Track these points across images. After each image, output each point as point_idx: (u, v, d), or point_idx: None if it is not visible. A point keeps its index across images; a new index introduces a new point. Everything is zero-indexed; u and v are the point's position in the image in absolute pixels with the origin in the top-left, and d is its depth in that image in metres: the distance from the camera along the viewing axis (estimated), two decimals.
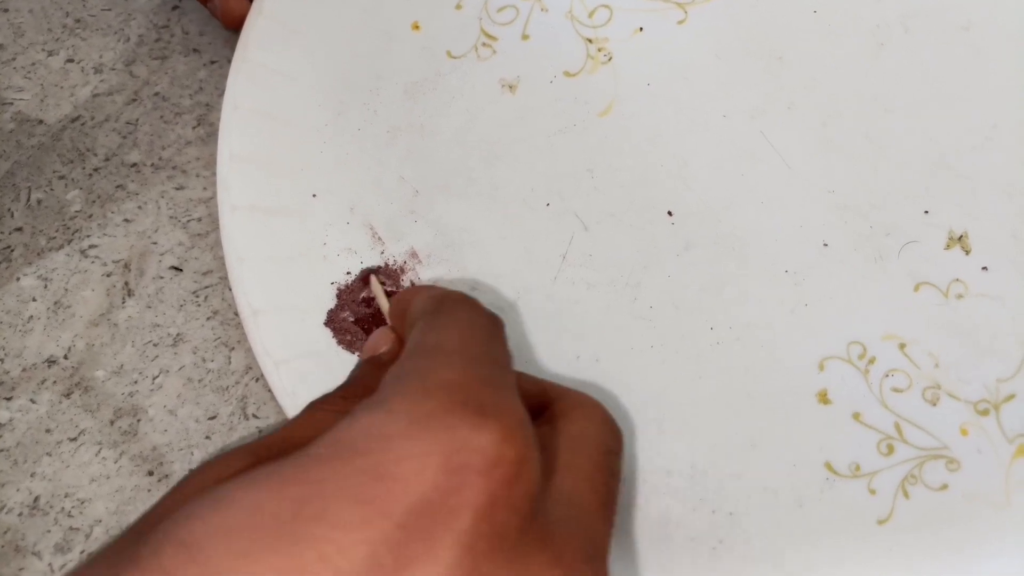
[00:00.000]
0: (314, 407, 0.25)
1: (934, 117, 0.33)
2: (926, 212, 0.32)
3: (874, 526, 0.28)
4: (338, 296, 0.33)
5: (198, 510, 0.19)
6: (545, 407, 0.26)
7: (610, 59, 0.35)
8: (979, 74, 0.33)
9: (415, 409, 0.20)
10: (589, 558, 0.21)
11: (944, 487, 0.28)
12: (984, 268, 0.31)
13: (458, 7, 0.37)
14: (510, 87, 0.36)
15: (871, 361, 0.30)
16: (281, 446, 0.23)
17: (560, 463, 0.23)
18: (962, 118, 0.33)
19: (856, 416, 0.29)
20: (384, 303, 0.32)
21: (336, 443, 0.20)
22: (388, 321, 0.31)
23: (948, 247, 0.31)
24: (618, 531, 0.28)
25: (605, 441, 0.25)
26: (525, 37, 0.36)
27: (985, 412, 0.29)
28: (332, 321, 0.32)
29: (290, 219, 0.34)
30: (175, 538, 0.18)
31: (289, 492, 0.19)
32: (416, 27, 0.37)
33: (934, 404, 0.29)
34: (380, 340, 0.29)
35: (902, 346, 0.30)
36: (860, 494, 0.28)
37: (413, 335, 0.24)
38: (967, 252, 0.31)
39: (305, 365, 0.31)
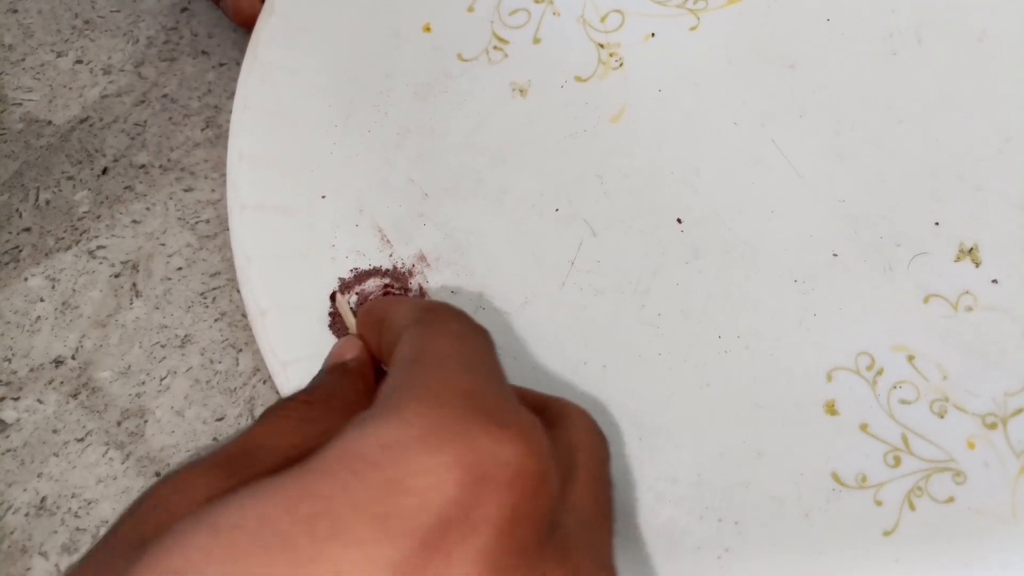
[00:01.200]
0: (276, 413, 0.24)
1: (946, 128, 0.33)
2: (936, 224, 0.32)
3: (880, 537, 0.28)
4: (333, 299, 0.33)
5: (191, 536, 0.18)
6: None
7: (621, 64, 0.36)
8: (993, 85, 0.33)
9: (429, 418, 0.19)
10: (602, 569, 0.21)
11: (950, 500, 0.29)
12: (994, 281, 0.31)
13: (470, 9, 0.37)
14: (521, 91, 0.36)
15: (879, 372, 0.30)
16: (245, 456, 0.22)
17: (562, 474, 0.22)
18: (975, 129, 0.33)
19: (863, 427, 0.30)
20: (350, 319, 0.31)
21: (346, 455, 0.19)
22: (353, 331, 0.30)
23: (958, 259, 0.32)
24: (624, 539, 0.29)
25: (598, 450, 0.24)
26: (537, 41, 0.37)
27: (993, 426, 0.29)
28: (335, 324, 0.32)
29: (299, 219, 0.34)
30: (168, 568, 0.17)
31: (298, 509, 0.18)
32: (427, 29, 0.37)
33: (942, 416, 0.30)
34: (346, 348, 0.28)
35: (911, 358, 0.30)
36: (866, 505, 0.29)
37: (404, 345, 0.23)
38: (977, 265, 0.31)
39: (313, 366, 0.32)
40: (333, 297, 0.33)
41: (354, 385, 0.26)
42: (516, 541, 0.18)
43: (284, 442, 0.23)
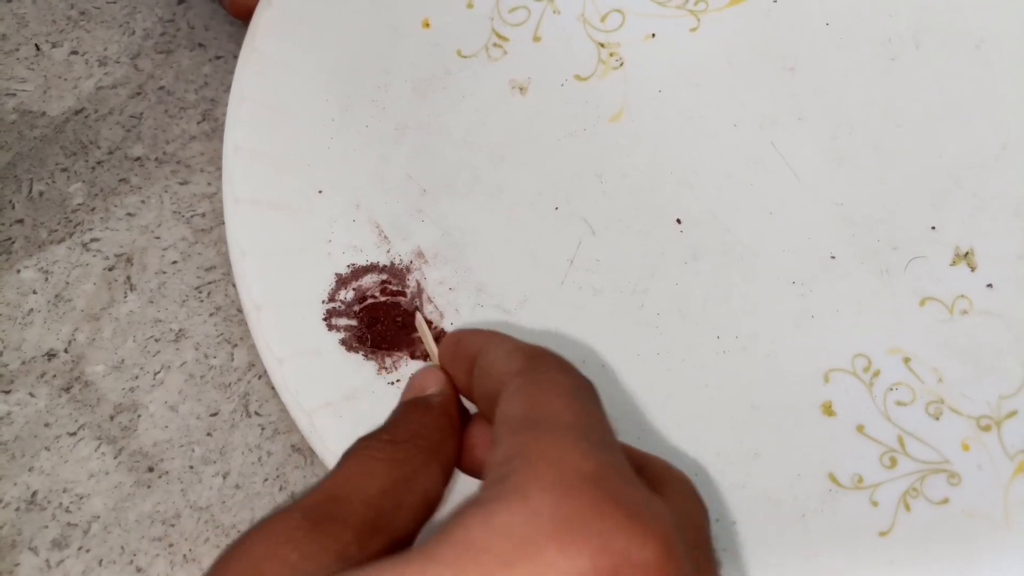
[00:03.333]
0: (358, 454, 0.23)
1: (944, 133, 0.34)
2: (933, 228, 0.33)
3: (875, 538, 0.29)
4: (331, 297, 0.33)
5: None
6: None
7: (621, 64, 0.36)
8: (991, 91, 0.34)
9: (560, 508, 0.18)
10: None
11: (945, 501, 0.29)
12: (989, 285, 0.32)
13: (469, 6, 0.38)
14: (520, 88, 0.36)
15: (876, 374, 0.31)
16: (333, 504, 0.21)
17: None
18: (972, 135, 0.34)
19: (860, 428, 0.31)
20: (431, 345, 0.30)
21: (470, 545, 0.17)
22: (434, 359, 0.29)
23: (954, 263, 0.32)
24: None
25: (705, 524, 0.23)
26: (537, 39, 0.37)
27: (987, 428, 0.30)
28: (329, 319, 0.33)
29: (295, 214, 0.34)
30: None
31: None
32: (427, 24, 0.38)
33: (937, 418, 0.30)
34: (428, 380, 0.27)
35: (907, 360, 0.31)
36: (862, 506, 0.30)
37: (511, 401, 0.22)
38: (973, 269, 0.32)
39: (309, 362, 0.32)
40: (410, 315, 0.32)
41: (438, 422, 0.25)
42: None
43: (372, 488, 0.22)
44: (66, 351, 0.34)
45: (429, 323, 0.33)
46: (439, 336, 0.33)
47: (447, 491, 0.24)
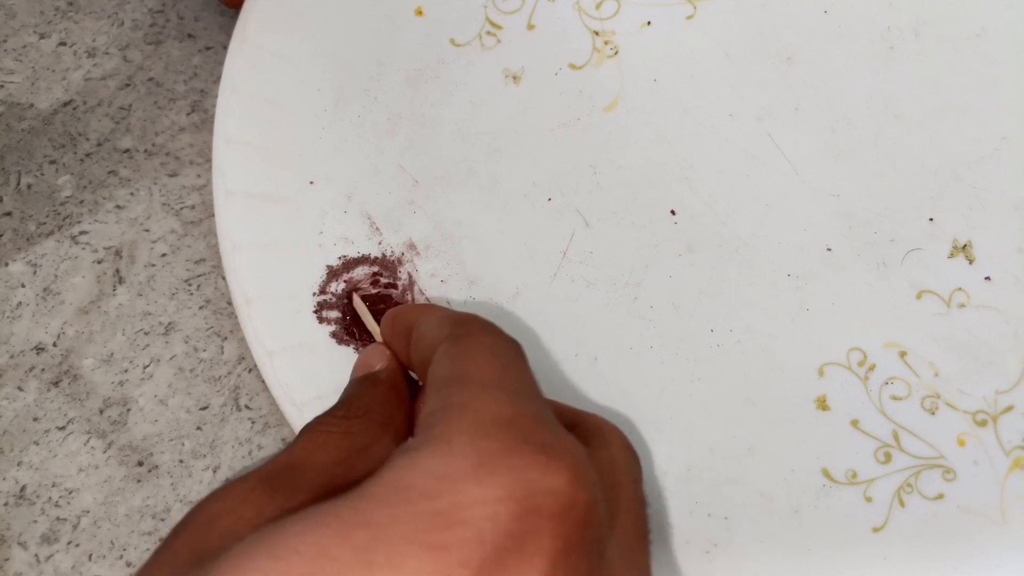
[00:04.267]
0: (315, 429, 0.25)
1: (943, 125, 0.34)
2: (931, 220, 0.33)
3: (869, 534, 0.29)
4: (321, 290, 0.33)
5: (251, 559, 0.18)
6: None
7: (616, 53, 0.36)
8: (990, 83, 0.34)
9: (479, 449, 0.20)
10: None
11: (940, 496, 0.29)
12: (987, 279, 0.32)
13: None
14: (514, 78, 0.36)
15: (871, 368, 0.31)
16: (290, 472, 0.22)
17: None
18: (972, 127, 0.34)
19: (854, 423, 0.31)
20: (372, 324, 0.32)
21: (399, 485, 0.19)
22: (377, 337, 0.31)
23: (952, 256, 0.32)
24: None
25: (633, 470, 0.25)
26: (531, 27, 0.37)
27: (983, 423, 0.30)
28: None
29: (286, 206, 0.34)
30: None
31: (354, 537, 0.18)
32: (420, 13, 0.37)
33: (932, 413, 0.30)
34: (374, 357, 0.29)
35: (903, 354, 0.31)
36: (856, 501, 0.30)
37: (439, 363, 0.24)
38: (971, 262, 0.32)
39: (299, 356, 0.32)
40: (350, 297, 0.33)
41: (387, 395, 0.27)
42: (568, 572, 0.19)
43: (327, 457, 0.23)
44: (55, 345, 0.35)
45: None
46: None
47: None
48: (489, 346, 0.24)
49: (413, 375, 0.29)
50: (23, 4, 0.40)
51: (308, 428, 0.25)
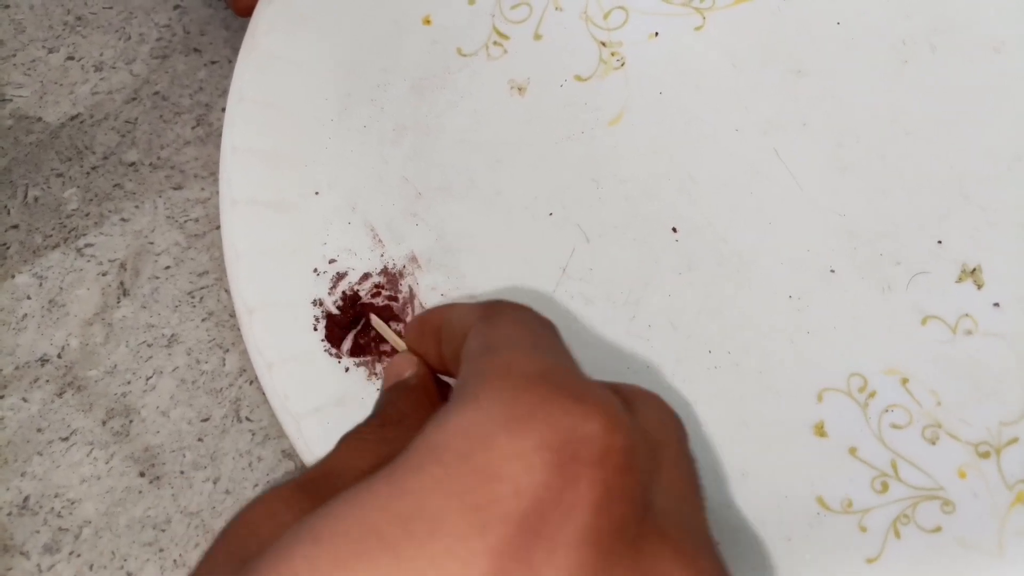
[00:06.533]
0: (351, 438, 0.25)
1: (955, 143, 0.33)
2: (939, 242, 0.32)
3: (863, 564, 0.29)
4: (322, 302, 0.34)
5: (295, 548, 0.18)
6: None
7: (623, 64, 0.36)
8: (1006, 100, 0.33)
9: (508, 403, 0.19)
10: (703, 546, 0.21)
11: (937, 529, 0.29)
12: (996, 305, 0.31)
13: (471, 2, 0.38)
14: (519, 88, 0.37)
15: (871, 395, 0.31)
16: (329, 480, 0.23)
17: (648, 453, 0.22)
18: (985, 146, 0.33)
19: (852, 451, 0.30)
20: (393, 337, 0.32)
21: (431, 449, 0.19)
22: (400, 349, 0.31)
23: (960, 280, 0.32)
24: None
25: (677, 428, 0.25)
26: (538, 37, 0.37)
27: (986, 455, 0.30)
28: (320, 323, 0.34)
29: (291, 215, 0.35)
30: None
31: (392, 509, 0.18)
32: (427, 21, 0.38)
33: (933, 443, 0.30)
34: (403, 365, 0.29)
35: (904, 381, 0.31)
36: (851, 531, 0.30)
37: (470, 342, 0.24)
38: (979, 286, 0.32)
39: (299, 368, 0.33)
40: (363, 315, 0.34)
41: (419, 400, 0.27)
42: (614, 520, 0.19)
43: (364, 464, 0.23)
44: (59, 356, 0.36)
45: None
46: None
47: None
48: (520, 319, 0.24)
49: (444, 378, 0.30)
50: (32, 19, 0.41)
51: (345, 438, 0.25)
